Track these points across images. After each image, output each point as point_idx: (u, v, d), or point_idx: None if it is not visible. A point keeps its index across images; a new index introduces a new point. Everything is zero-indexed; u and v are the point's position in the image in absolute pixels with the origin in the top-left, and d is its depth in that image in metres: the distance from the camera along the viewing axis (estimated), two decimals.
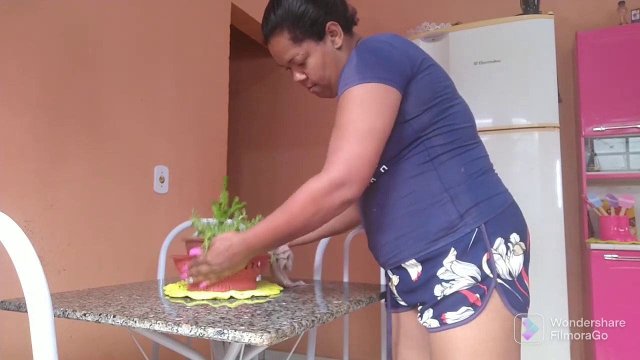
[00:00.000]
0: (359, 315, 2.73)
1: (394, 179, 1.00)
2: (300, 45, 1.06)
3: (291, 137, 3.37)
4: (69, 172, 1.67)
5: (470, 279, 0.93)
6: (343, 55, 1.08)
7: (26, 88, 1.56)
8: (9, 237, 0.59)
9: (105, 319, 0.87)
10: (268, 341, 0.72)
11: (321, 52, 1.06)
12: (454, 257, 0.95)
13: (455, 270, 0.94)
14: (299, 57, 1.07)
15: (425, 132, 0.99)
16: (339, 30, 1.07)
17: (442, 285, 0.95)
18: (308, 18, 1.04)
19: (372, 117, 0.92)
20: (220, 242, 1.00)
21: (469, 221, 0.96)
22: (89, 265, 1.72)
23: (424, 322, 0.98)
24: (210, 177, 2.35)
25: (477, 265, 0.94)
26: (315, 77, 1.09)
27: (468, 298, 0.93)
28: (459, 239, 0.95)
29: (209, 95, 2.39)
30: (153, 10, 2.06)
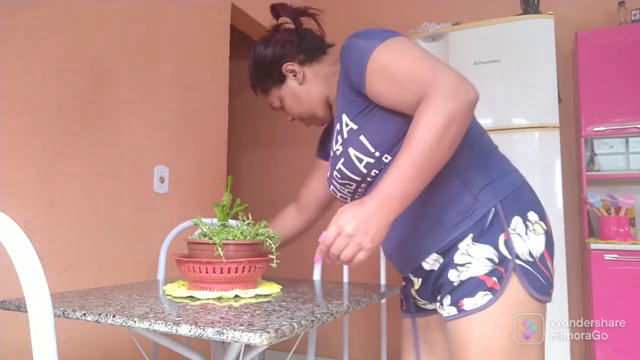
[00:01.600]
0: (359, 315, 2.73)
1: None
2: (269, 94, 1.16)
3: (291, 137, 3.37)
4: (69, 172, 1.68)
5: (487, 261, 0.89)
6: (313, 84, 1.12)
7: (26, 88, 1.56)
8: (9, 237, 0.59)
9: (105, 319, 0.87)
10: (267, 341, 0.72)
11: (287, 93, 1.13)
12: (470, 239, 0.91)
13: (471, 252, 0.91)
14: (276, 104, 1.16)
15: None
16: (296, 68, 1.10)
17: (457, 269, 0.91)
18: (263, 71, 1.13)
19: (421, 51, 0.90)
20: (352, 211, 0.83)
21: (484, 201, 0.92)
22: (89, 265, 1.72)
23: (443, 311, 0.94)
24: (210, 177, 2.35)
25: (493, 246, 0.90)
26: (296, 115, 1.16)
27: (485, 282, 0.89)
28: (477, 222, 0.91)
29: (209, 95, 2.39)
30: (153, 10, 2.06)
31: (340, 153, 1.03)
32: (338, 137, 1.03)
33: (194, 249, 1.14)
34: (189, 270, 1.11)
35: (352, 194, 1.09)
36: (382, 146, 0.96)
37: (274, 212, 1.52)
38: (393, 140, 0.96)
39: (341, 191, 1.11)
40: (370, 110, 0.98)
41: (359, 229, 0.81)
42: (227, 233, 1.11)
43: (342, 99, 1.03)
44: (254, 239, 1.14)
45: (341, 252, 0.83)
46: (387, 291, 1.36)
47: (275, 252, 1.16)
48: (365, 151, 0.98)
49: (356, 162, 0.99)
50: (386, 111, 0.96)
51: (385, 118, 0.97)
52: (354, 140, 0.99)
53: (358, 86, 0.96)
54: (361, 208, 0.83)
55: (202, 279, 1.10)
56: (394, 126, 0.96)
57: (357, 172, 1.01)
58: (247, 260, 1.10)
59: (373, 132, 0.97)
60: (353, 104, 1.00)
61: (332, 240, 0.83)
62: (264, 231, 1.17)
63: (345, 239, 0.82)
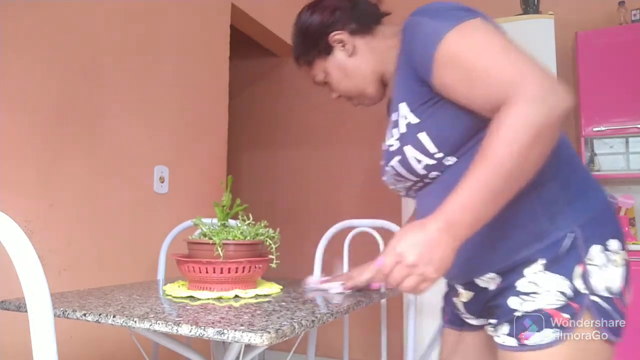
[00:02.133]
0: (359, 315, 2.73)
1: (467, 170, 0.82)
2: (313, 66, 1.05)
3: (291, 137, 3.37)
4: (69, 172, 1.67)
5: (559, 294, 0.77)
6: (365, 57, 0.99)
7: (26, 88, 1.56)
8: (9, 237, 0.59)
9: (105, 319, 0.87)
10: (268, 341, 0.72)
11: (334, 66, 1.01)
12: (541, 266, 0.78)
13: (540, 282, 0.78)
14: (319, 78, 1.05)
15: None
16: (346, 38, 0.99)
17: (520, 297, 0.80)
18: (307, 40, 1.03)
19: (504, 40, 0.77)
20: (413, 236, 0.73)
21: (561, 224, 0.79)
22: (89, 265, 1.72)
23: (498, 338, 0.83)
24: (210, 177, 2.35)
25: (568, 278, 0.77)
26: (340, 92, 1.05)
27: (554, 318, 0.77)
28: (549, 246, 0.79)
29: (209, 95, 2.39)
30: (153, 10, 2.06)
31: (396, 150, 0.89)
32: (394, 129, 0.90)
33: (194, 249, 1.14)
34: (189, 270, 1.11)
35: (407, 189, 0.97)
36: (446, 146, 0.83)
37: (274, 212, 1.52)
38: (460, 141, 0.83)
39: (395, 185, 0.99)
40: (436, 102, 0.84)
41: (421, 257, 0.71)
42: (227, 233, 1.11)
43: (401, 85, 0.89)
44: (254, 239, 1.14)
45: (401, 282, 0.73)
46: (387, 291, 1.35)
47: (276, 252, 1.16)
48: (425, 152, 0.85)
49: (414, 163, 0.86)
50: (455, 106, 0.82)
51: (454, 114, 0.83)
52: (413, 138, 0.85)
53: (423, 74, 0.83)
54: (423, 232, 0.72)
55: (202, 279, 1.10)
56: (463, 124, 0.83)
57: (415, 173, 0.88)
58: (247, 260, 1.10)
59: (437, 129, 0.84)
60: (415, 93, 0.86)
61: (391, 270, 0.73)
62: (264, 231, 1.17)
63: (406, 269, 0.72)
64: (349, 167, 3.11)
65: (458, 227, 0.72)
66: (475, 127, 0.81)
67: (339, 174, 3.14)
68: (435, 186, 0.88)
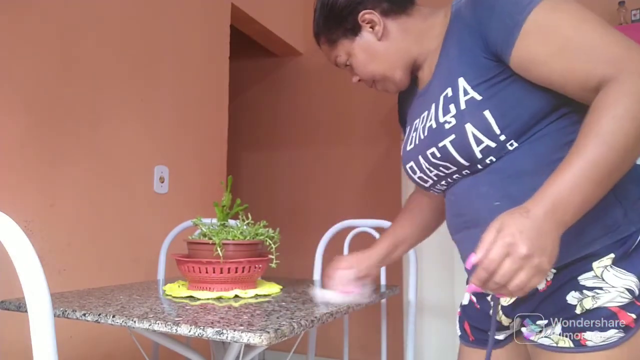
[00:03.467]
0: (359, 315, 2.73)
1: (527, 161, 0.76)
2: (336, 46, 0.95)
3: (291, 138, 3.37)
4: (69, 172, 1.68)
5: (626, 292, 0.71)
6: (398, 40, 0.91)
7: (26, 88, 1.56)
8: (9, 237, 0.59)
9: (105, 319, 0.87)
10: (267, 341, 0.72)
11: (361, 48, 0.93)
12: (609, 261, 0.72)
13: (607, 278, 0.72)
14: (341, 59, 0.96)
15: (573, 100, 0.74)
16: (376, 19, 0.90)
17: (581, 293, 0.73)
18: (333, 17, 0.93)
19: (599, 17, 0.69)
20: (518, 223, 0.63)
21: (634, 218, 0.74)
22: (89, 265, 1.72)
23: (545, 339, 0.77)
24: (210, 177, 2.35)
25: (637, 275, 0.72)
26: (363, 76, 0.96)
27: (618, 316, 0.71)
28: (620, 241, 0.73)
29: (209, 95, 2.39)
30: (153, 10, 2.06)
31: (451, 128, 0.79)
32: (450, 105, 0.80)
33: (194, 249, 1.14)
34: (189, 270, 1.11)
35: (439, 179, 0.88)
36: (512, 129, 0.75)
37: (274, 212, 1.52)
38: (525, 124, 0.75)
39: (425, 172, 0.89)
40: (505, 79, 0.77)
41: (534, 246, 0.61)
42: (226, 233, 1.11)
43: (459, 59, 0.81)
44: (253, 239, 1.14)
45: (511, 279, 0.62)
46: (387, 291, 1.36)
47: (276, 252, 1.16)
48: (488, 131, 0.76)
49: (472, 142, 0.77)
50: (527, 83, 0.75)
51: (525, 93, 0.76)
52: (475, 115, 0.76)
53: (500, 44, 0.74)
54: (529, 217, 0.63)
55: (202, 279, 1.10)
56: (534, 105, 0.75)
57: (469, 155, 0.79)
58: (246, 260, 1.10)
59: (503, 108, 0.76)
60: (480, 66, 0.78)
61: (499, 264, 0.62)
62: (263, 231, 1.17)
63: (519, 261, 0.61)
64: (349, 167, 3.11)
65: (565, 210, 0.64)
66: (543, 111, 0.75)
67: (339, 174, 3.14)
68: (486, 176, 0.79)
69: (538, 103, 0.75)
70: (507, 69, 0.76)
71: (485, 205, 0.80)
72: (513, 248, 0.61)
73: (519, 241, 0.61)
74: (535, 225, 0.62)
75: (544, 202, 0.64)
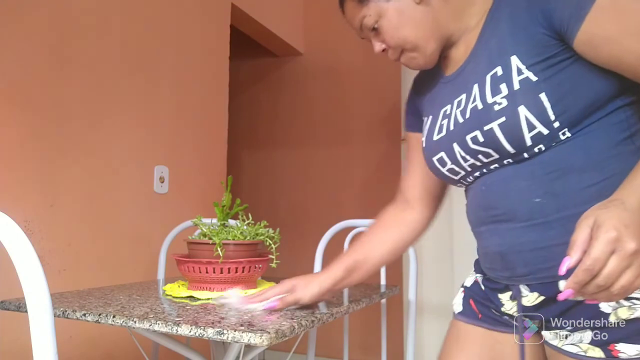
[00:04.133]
0: (359, 315, 2.73)
1: (576, 156, 0.71)
2: (367, 5, 0.86)
3: (291, 137, 3.37)
4: (69, 172, 1.68)
5: None
6: (437, 9, 0.84)
7: (26, 88, 1.56)
8: (9, 237, 0.59)
9: (105, 319, 0.87)
10: (267, 341, 0.72)
11: (395, 10, 0.84)
12: None
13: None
14: (369, 20, 0.86)
15: (631, 92, 0.71)
16: None
17: (617, 302, 0.68)
18: None
19: None
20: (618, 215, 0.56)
21: None
22: (89, 265, 1.72)
23: (572, 346, 0.72)
24: (211, 177, 2.35)
25: None
26: (392, 42, 0.86)
27: None
28: None
29: (209, 95, 2.39)
30: (153, 10, 2.06)
31: (501, 109, 0.72)
32: (500, 85, 0.74)
33: (194, 249, 1.14)
34: (189, 270, 1.11)
35: (474, 169, 0.81)
36: (567, 116, 0.69)
37: (274, 212, 1.51)
38: (582, 112, 0.70)
39: (458, 162, 0.82)
40: (563, 60, 0.70)
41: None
42: (227, 233, 1.11)
43: (512, 36, 0.75)
44: (253, 239, 1.14)
45: (617, 279, 0.54)
46: (387, 291, 1.36)
47: (276, 252, 1.16)
48: (543, 116, 0.69)
49: (525, 127, 0.70)
50: (586, 66, 0.70)
51: (584, 76, 0.70)
52: (531, 97, 0.70)
53: (567, 18, 0.68)
54: (625, 210, 0.57)
55: (202, 279, 1.10)
56: (592, 91, 0.70)
57: (518, 142, 0.72)
58: (246, 260, 1.10)
59: (560, 92, 0.69)
60: (537, 44, 0.71)
61: (604, 263, 0.54)
62: (263, 231, 1.17)
63: (628, 258, 0.54)
64: (349, 167, 3.11)
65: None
66: (600, 99, 0.70)
67: (339, 174, 3.14)
68: (528, 168, 0.73)
69: (597, 89, 0.70)
70: (567, 49, 0.70)
71: (524, 201, 0.74)
72: (620, 244, 0.54)
73: (625, 236, 0.54)
74: (636, 217, 0.56)
75: (638, 193, 0.58)
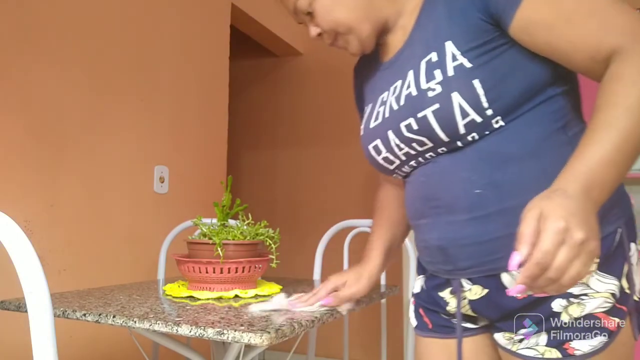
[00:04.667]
0: (359, 315, 2.73)
1: (512, 145, 0.70)
2: None
3: (291, 137, 3.37)
4: (69, 172, 1.68)
5: (610, 296, 0.68)
6: None
7: (26, 88, 1.56)
8: (9, 237, 0.59)
9: (105, 319, 0.87)
10: (268, 341, 0.72)
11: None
12: (594, 266, 0.68)
13: (593, 284, 0.68)
14: (302, 4, 0.83)
15: (566, 80, 0.71)
16: None
17: (567, 300, 0.68)
18: None
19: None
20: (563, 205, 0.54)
21: (610, 219, 0.70)
22: (89, 265, 1.72)
23: (527, 350, 0.72)
24: (210, 177, 2.35)
25: (617, 277, 0.69)
26: (326, 25, 0.83)
27: (603, 322, 0.68)
28: (601, 242, 0.65)
29: (209, 95, 2.39)
30: (153, 10, 2.06)
31: (435, 96, 0.71)
32: (435, 71, 0.72)
33: (194, 249, 1.14)
34: (189, 270, 1.11)
35: (409, 158, 0.80)
36: (500, 103, 0.69)
37: (274, 212, 1.52)
38: (516, 100, 0.69)
39: (393, 151, 0.80)
40: (498, 46, 0.69)
41: (589, 229, 0.53)
42: (227, 233, 1.11)
43: (448, 21, 0.73)
44: (253, 239, 1.14)
45: (567, 270, 0.52)
46: (387, 291, 1.36)
47: (276, 252, 1.16)
48: (476, 103, 0.68)
49: (458, 114, 0.69)
50: (522, 53, 0.69)
51: (518, 63, 0.69)
52: (464, 83, 0.69)
53: (503, 3, 0.67)
54: (569, 198, 0.54)
55: (202, 279, 1.10)
56: (530, 78, 0.69)
57: (451, 129, 0.71)
58: (246, 260, 1.10)
59: (494, 79, 0.68)
60: (473, 29, 0.70)
61: (554, 255, 0.52)
62: (263, 231, 1.17)
63: (576, 247, 0.52)
64: (349, 167, 3.11)
65: (602, 188, 0.56)
66: (537, 86, 0.69)
67: (339, 174, 3.14)
68: (467, 158, 0.72)
69: (531, 76, 0.69)
70: (503, 35, 0.69)
71: (466, 192, 0.72)
72: (569, 234, 0.52)
73: (573, 225, 0.52)
74: (580, 205, 0.54)
75: (579, 180, 0.56)
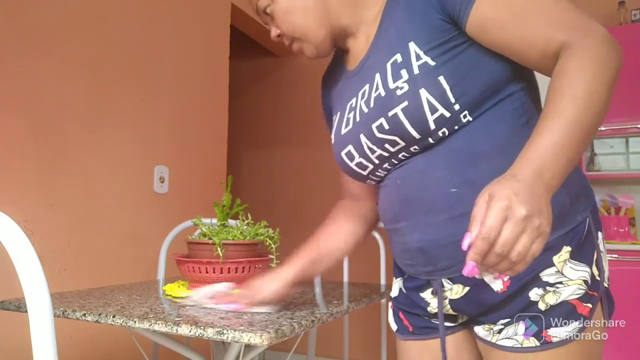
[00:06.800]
0: (359, 315, 2.73)
1: (483, 142, 0.73)
2: None
3: (291, 137, 3.37)
4: (68, 172, 1.68)
5: (583, 284, 0.71)
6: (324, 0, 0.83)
7: (26, 88, 1.56)
8: (9, 237, 0.59)
9: (105, 319, 0.87)
10: (268, 341, 0.72)
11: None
12: (568, 255, 0.71)
13: (566, 272, 0.71)
14: (262, 3, 0.86)
15: (525, 77, 0.75)
16: None
17: (544, 289, 0.71)
18: None
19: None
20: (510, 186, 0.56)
21: (579, 208, 0.73)
22: (89, 265, 1.72)
23: (506, 340, 0.73)
24: (210, 177, 2.35)
25: (589, 265, 0.72)
26: (283, 28, 0.85)
27: (577, 308, 0.70)
28: (572, 231, 0.72)
29: (209, 95, 2.39)
30: (153, 10, 2.06)
31: (403, 94, 0.72)
32: (401, 71, 0.74)
33: (194, 249, 1.14)
34: (189, 270, 1.11)
35: (382, 161, 0.80)
36: (465, 98, 0.71)
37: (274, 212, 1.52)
38: (480, 95, 0.72)
39: (366, 155, 0.81)
40: (459, 44, 0.72)
41: (533, 207, 0.54)
42: (226, 233, 1.11)
43: (409, 23, 0.75)
44: (253, 239, 1.14)
45: (514, 245, 0.53)
46: (387, 291, 1.36)
47: (276, 252, 1.16)
48: (443, 98, 0.70)
49: (427, 110, 0.71)
50: (482, 50, 0.72)
51: (479, 60, 0.72)
52: (430, 80, 0.71)
53: (457, 5, 0.71)
54: (517, 181, 0.56)
55: (202, 279, 1.10)
56: (488, 74, 0.72)
57: (422, 125, 0.72)
58: (246, 261, 1.10)
59: (457, 75, 0.71)
60: (433, 29, 0.73)
61: (499, 231, 0.53)
62: (263, 231, 1.17)
63: (520, 223, 0.53)
64: None
65: (553, 173, 0.58)
66: (496, 83, 0.72)
67: (339, 173, 3.14)
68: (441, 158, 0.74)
69: (492, 73, 0.72)
70: (462, 34, 0.72)
71: (442, 192, 0.74)
72: (511, 211, 0.54)
73: (515, 203, 0.54)
74: (527, 186, 0.56)
75: (530, 165, 0.58)
